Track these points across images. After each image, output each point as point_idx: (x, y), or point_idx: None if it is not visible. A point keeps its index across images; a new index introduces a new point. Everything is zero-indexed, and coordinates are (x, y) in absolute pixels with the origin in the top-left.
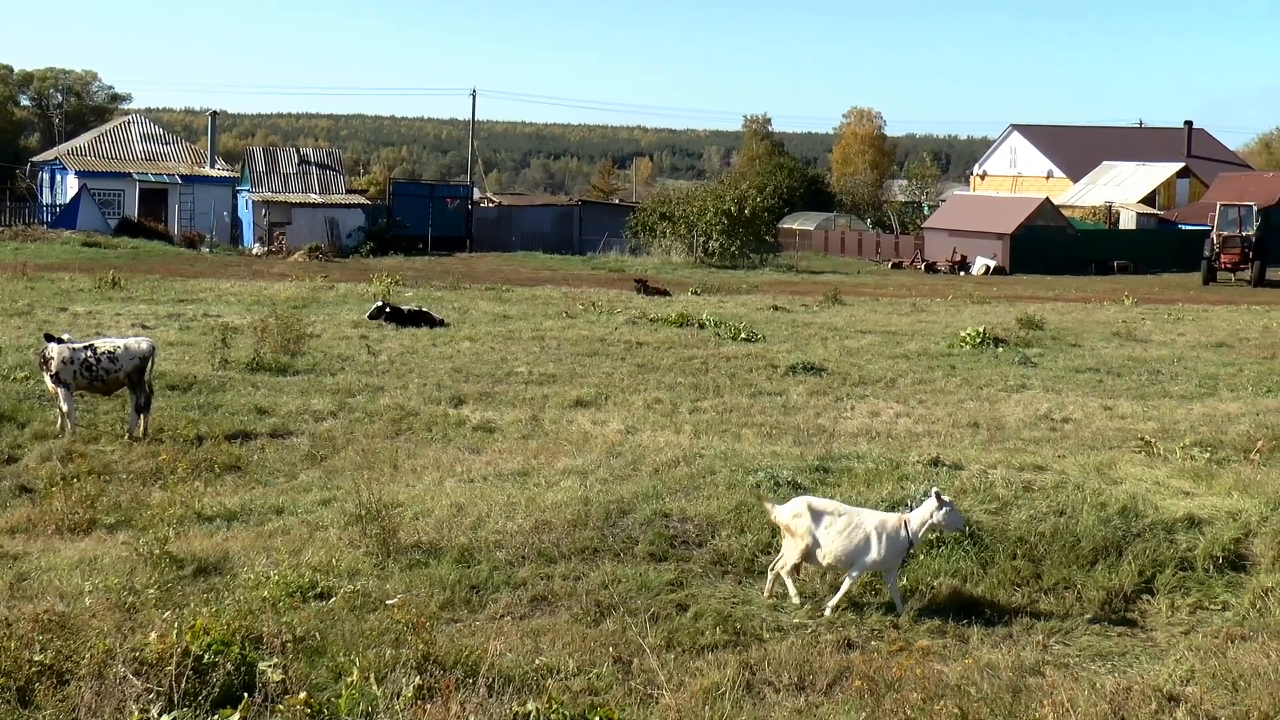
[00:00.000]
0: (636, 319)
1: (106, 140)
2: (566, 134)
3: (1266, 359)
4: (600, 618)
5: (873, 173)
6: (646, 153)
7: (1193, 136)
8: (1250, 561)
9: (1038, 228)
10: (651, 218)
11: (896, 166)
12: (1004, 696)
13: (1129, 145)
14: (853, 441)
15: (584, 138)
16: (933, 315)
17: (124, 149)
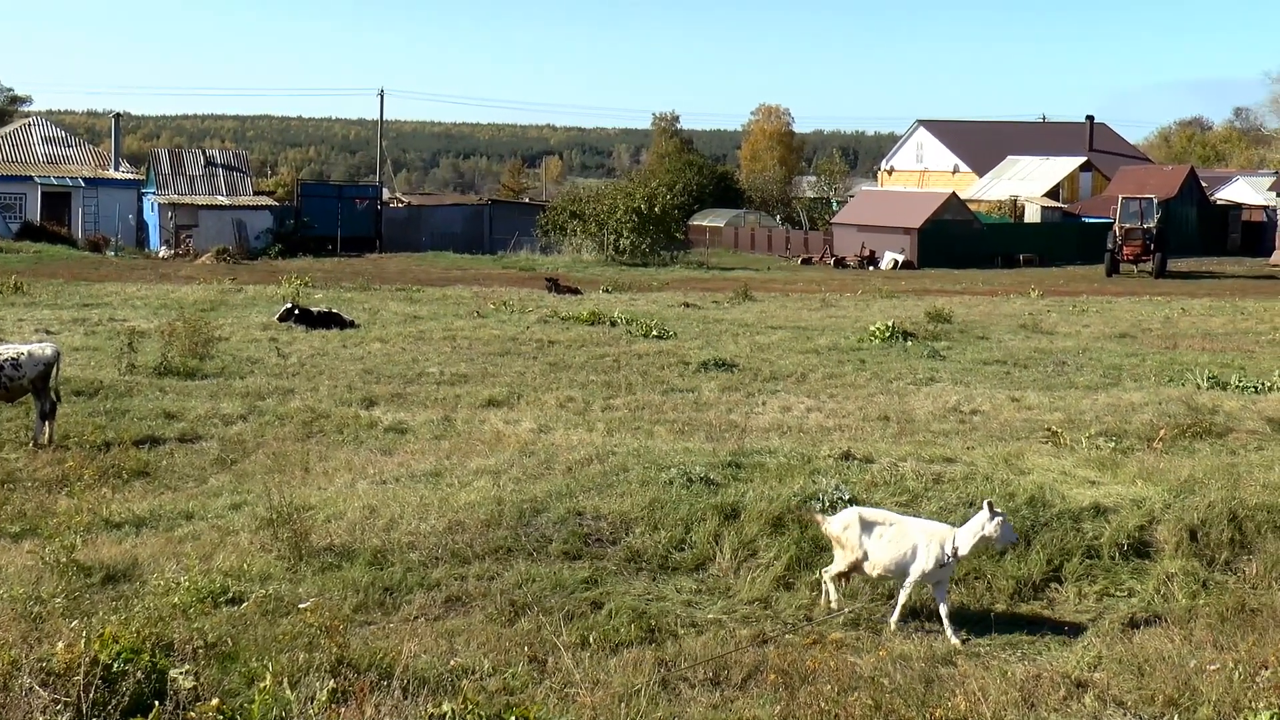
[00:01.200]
0: (548, 318)
1: (6, 143)
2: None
3: (1168, 349)
4: (515, 617)
5: (782, 169)
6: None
7: (1094, 131)
8: (1154, 548)
9: (945, 222)
10: (562, 216)
11: (805, 163)
12: (917, 687)
13: (1033, 140)
14: (765, 437)
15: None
16: (842, 310)
17: (25, 152)
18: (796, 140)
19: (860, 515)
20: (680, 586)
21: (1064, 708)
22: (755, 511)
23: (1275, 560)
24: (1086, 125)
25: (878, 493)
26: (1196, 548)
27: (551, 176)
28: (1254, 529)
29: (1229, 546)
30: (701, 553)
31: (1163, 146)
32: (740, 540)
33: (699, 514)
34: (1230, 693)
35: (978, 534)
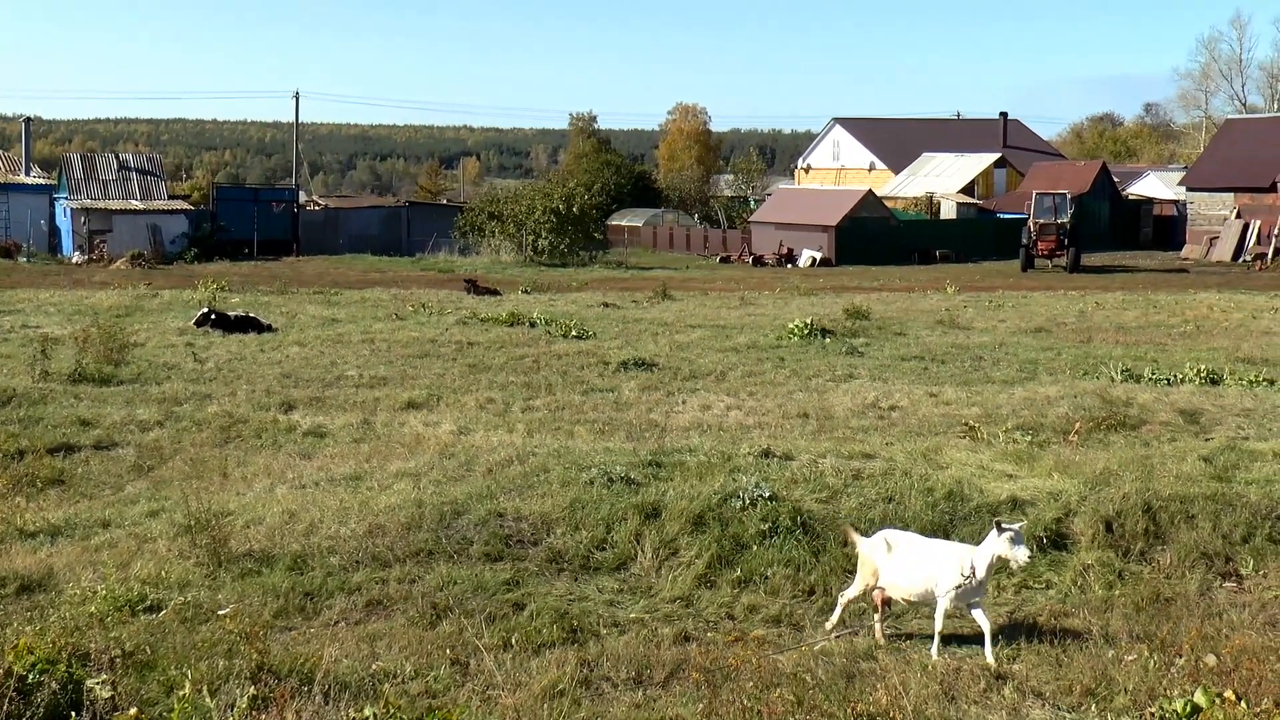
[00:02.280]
0: (467, 319)
1: None
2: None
3: (1083, 343)
4: (437, 620)
5: (699, 168)
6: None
7: (1008, 127)
8: (1071, 540)
9: (862, 219)
10: (480, 217)
11: (722, 161)
12: (838, 682)
13: (948, 137)
14: (685, 435)
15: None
16: (761, 308)
17: None
18: (714, 139)
19: (885, 538)
20: (602, 586)
21: (984, 700)
22: (676, 510)
23: (1188, 550)
24: (1000, 122)
25: (798, 490)
26: (1112, 539)
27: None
28: (1168, 519)
29: (1144, 537)
30: (623, 552)
31: (1075, 142)
32: (661, 539)
33: (620, 514)
34: (1146, 681)
35: (992, 553)
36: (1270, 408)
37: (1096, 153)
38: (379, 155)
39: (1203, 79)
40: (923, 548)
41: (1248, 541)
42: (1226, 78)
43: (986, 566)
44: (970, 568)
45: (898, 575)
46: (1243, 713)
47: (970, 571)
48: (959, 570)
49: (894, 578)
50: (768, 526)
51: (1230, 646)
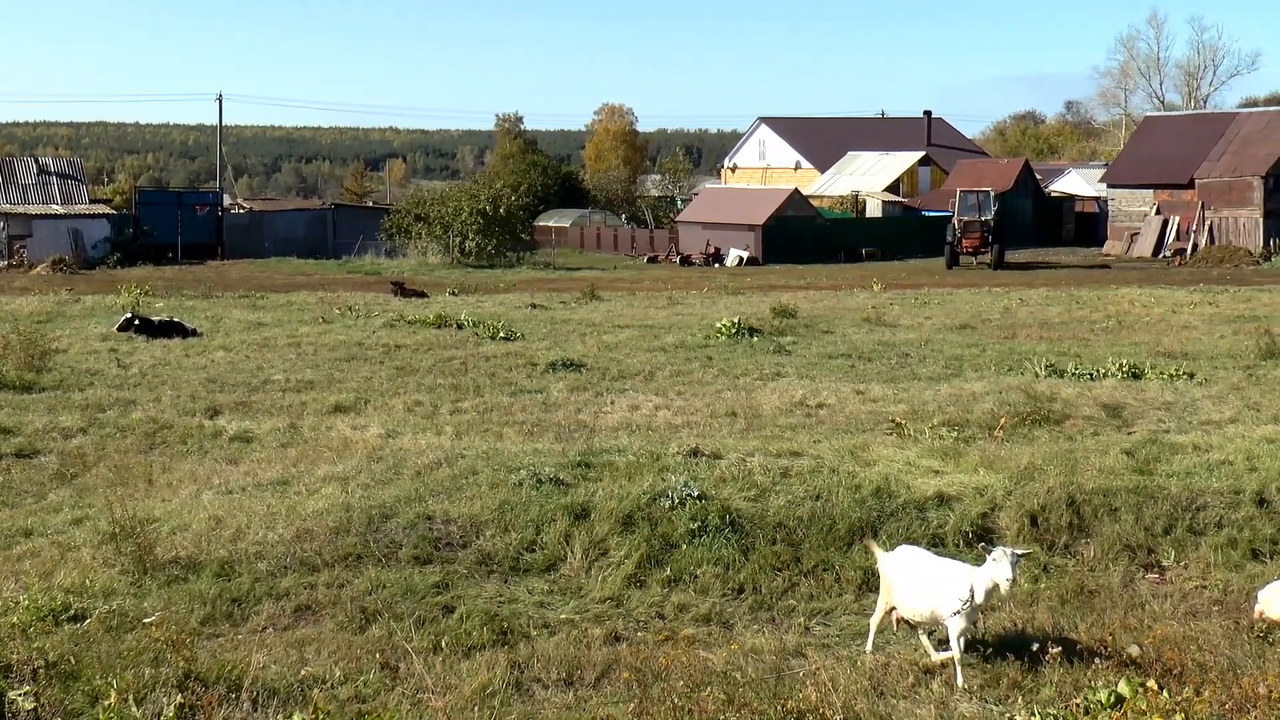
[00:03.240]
0: (394, 321)
1: None
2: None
3: (1007, 339)
4: (366, 624)
5: (626, 168)
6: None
7: (932, 126)
8: (997, 534)
9: (788, 218)
10: (406, 219)
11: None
12: (768, 679)
13: (873, 135)
14: (613, 436)
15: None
16: (689, 308)
17: None
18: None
19: (903, 554)
20: (532, 588)
21: (912, 694)
22: (605, 511)
23: (1112, 542)
24: (924, 120)
25: (726, 488)
26: (1037, 533)
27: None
28: (1091, 513)
29: (1068, 531)
30: (552, 553)
31: (998, 140)
32: (591, 540)
33: (549, 515)
34: (1071, 673)
35: (991, 578)
36: (1190, 401)
37: (1019, 150)
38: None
39: (1122, 77)
40: (932, 567)
41: (1169, 533)
42: (1145, 76)
43: (985, 591)
44: (970, 590)
45: (907, 595)
46: (1165, 702)
47: (969, 595)
48: (959, 593)
49: (903, 597)
50: (697, 525)
51: (1153, 636)
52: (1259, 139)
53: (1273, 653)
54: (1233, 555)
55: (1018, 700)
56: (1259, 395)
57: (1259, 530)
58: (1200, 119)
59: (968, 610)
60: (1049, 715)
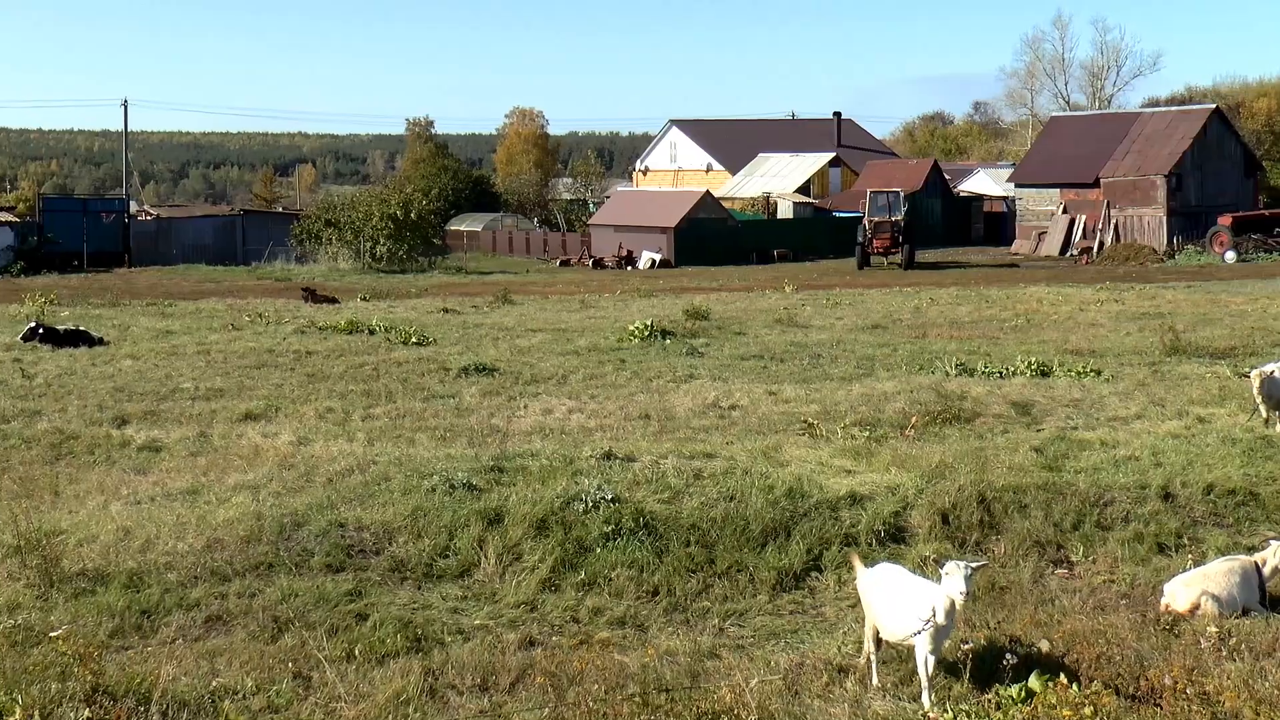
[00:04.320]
0: (305, 328)
1: None
2: (226, 142)
3: (918, 338)
4: (278, 634)
5: (538, 172)
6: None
7: (842, 127)
8: (909, 533)
9: (700, 220)
10: (317, 225)
11: (561, 165)
12: (683, 681)
13: (783, 137)
14: (527, 440)
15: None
16: (602, 311)
17: None
18: (552, 142)
19: (879, 571)
20: (446, 594)
21: (826, 694)
22: (519, 515)
23: (1022, 539)
24: (834, 122)
25: (640, 491)
26: (949, 530)
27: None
28: (1001, 510)
29: (979, 528)
30: (466, 559)
31: (907, 141)
32: (505, 545)
33: (462, 520)
34: (982, 669)
35: (946, 594)
36: (1097, 398)
37: (928, 151)
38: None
39: (1028, 78)
40: (903, 586)
41: (1078, 529)
42: (1050, 76)
43: (945, 610)
44: (931, 610)
45: (879, 614)
46: (1074, 695)
47: (930, 614)
48: (921, 613)
49: (876, 616)
50: (611, 529)
51: (1062, 631)
52: (1161, 138)
53: (1178, 645)
54: (1139, 549)
55: (930, 697)
56: (1164, 391)
57: (1164, 524)
58: (1104, 119)
59: (931, 631)
60: (961, 712)
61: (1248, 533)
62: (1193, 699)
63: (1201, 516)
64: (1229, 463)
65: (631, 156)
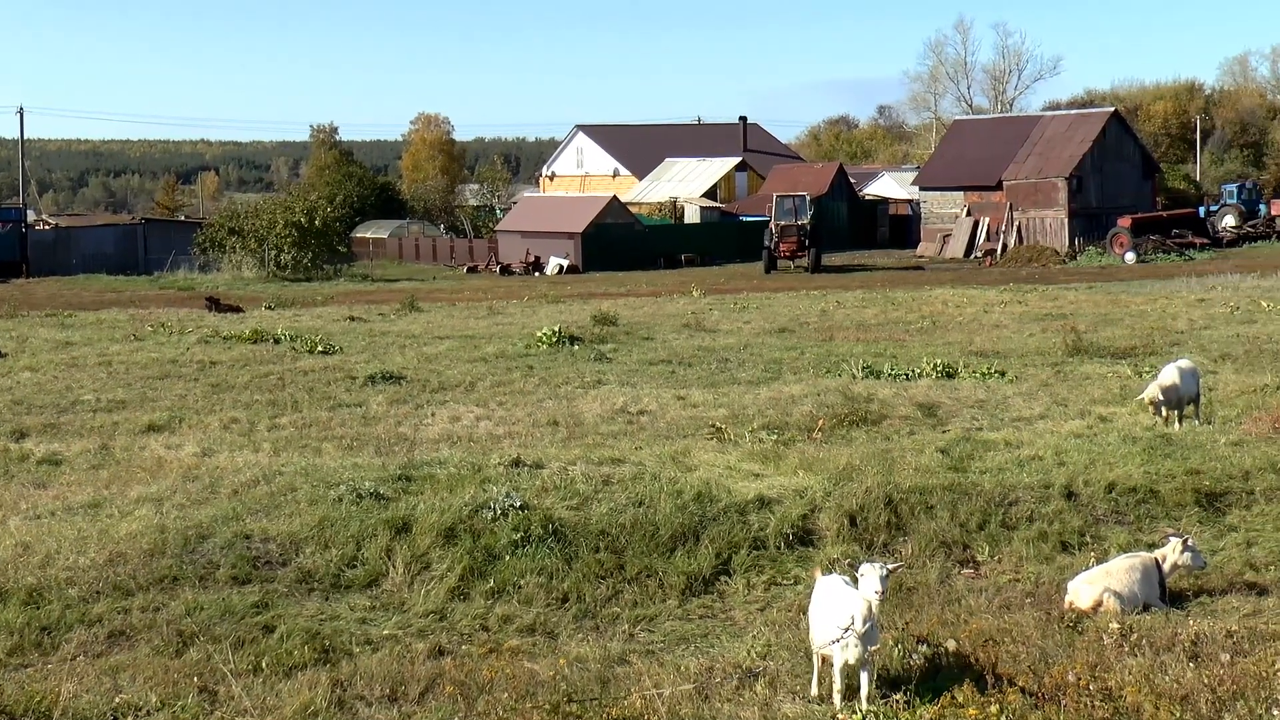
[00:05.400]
0: (209, 338)
1: None
2: (126, 150)
3: (825, 341)
4: (183, 648)
5: (444, 178)
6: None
7: (748, 131)
8: (817, 535)
9: (607, 225)
10: (220, 233)
11: (467, 171)
12: (593, 688)
13: (690, 142)
14: (435, 448)
15: (145, 153)
16: (509, 317)
17: None
18: (458, 148)
19: (817, 584)
20: (354, 604)
21: (736, 697)
22: (427, 524)
23: (928, 539)
24: (740, 126)
25: (549, 498)
26: (856, 532)
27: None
28: (908, 511)
29: (886, 529)
30: (374, 569)
31: (813, 145)
32: (413, 554)
33: (370, 530)
34: (890, 669)
35: (864, 598)
36: (1001, 399)
37: (833, 155)
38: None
39: (931, 81)
40: (830, 595)
41: (983, 529)
42: (953, 80)
43: (863, 617)
44: (850, 616)
45: (811, 624)
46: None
47: (849, 622)
48: (840, 621)
49: (811, 627)
50: (520, 536)
51: (969, 630)
52: (1062, 140)
53: (1082, 641)
54: (1043, 548)
55: (837, 699)
56: (1067, 391)
57: (1068, 523)
58: (1006, 122)
59: (850, 639)
60: (870, 713)
61: (1148, 530)
62: (1095, 695)
63: (1103, 514)
64: (1130, 461)
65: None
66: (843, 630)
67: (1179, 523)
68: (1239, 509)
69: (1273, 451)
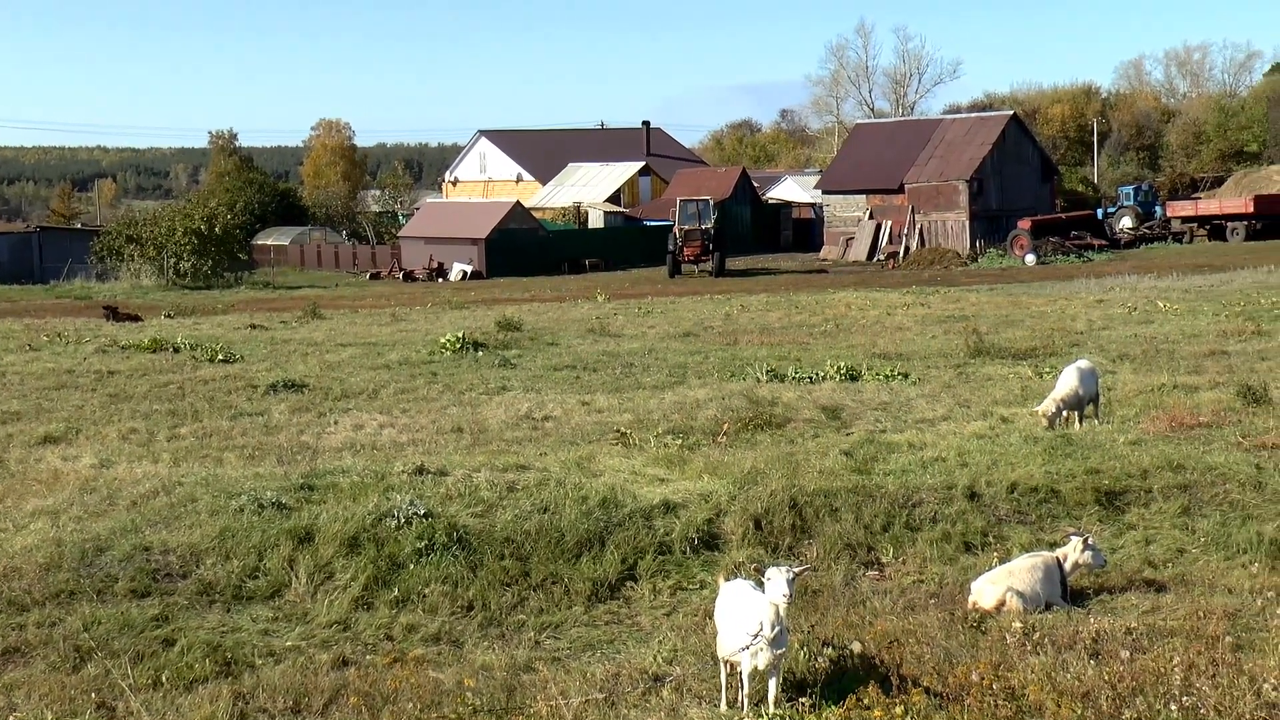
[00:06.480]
0: (107, 347)
1: None
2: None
3: (729, 345)
4: (80, 663)
5: (345, 184)
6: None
7: (651, 136)
8: (723, 539)
9: (511, 231)
10: (118, 241)
11: (369, 177)
12: (499, 696)
13: (593, 147)
14: (337, 456)
15: (39, 160)
16: (413, 324)
17: None
18: (359, 154)
19: (726, 586)
20: (256, 616)
21: (643, 703)
22: (330, 533)
23: (833, 542)
24: (644, 131)
25: (453, 505)
26: (761, 536)
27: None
28: (813, 514)
29: (791, 532)
30: (276, 579)
31: (716, 149)
32: (316, 564)
33: (272, 540)
34: (796, 672)
35: (771, 603)
36: (905, 400)
37: (737, 159)
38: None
39: (833, 85)
40: (737, 600)
41: (887, 530)
42: (855, 84)
43: (772, 622)
44: (758, 622)
45: (719, 631)
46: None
47: (758, 628)
48: (749, 628)
49: (719, 635)
50: (424, 544)
51: (874, 632)
52: (962, 143)
53: (985, 641)
54: (947, 549)
55: (744, 701)
56: (969, 392)
57: (971, 523)
58: (907, 125)
59: (760, 645)
60: (778, 716)
61: (1050, 529)
62: (998, 694)
63: (1006, 515)
64: (1031, 461)
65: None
66: (752, 637)
67: (1080, 522)
68: (1138, 507)
69: (1170, 450)
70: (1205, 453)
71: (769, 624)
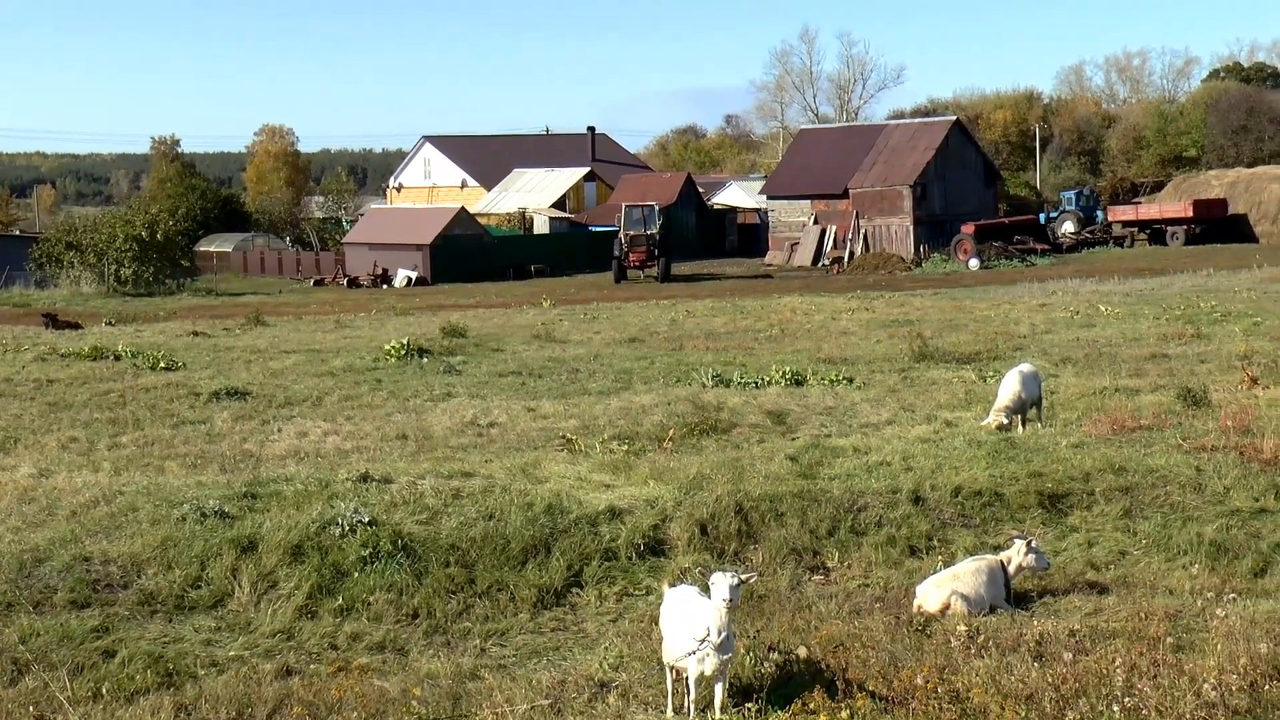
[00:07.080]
0: (46, 355)
1: None
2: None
3: (675, 350)
4: (18, 676)
5: (289, 190)
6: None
7: (596, 141)
8: (669, 545)
9: (456, 237)
10: (58, 248)
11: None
12: (445, 704)
13: (538, 152)
14: (281, 464)
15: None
16: (357, 330)
17: None
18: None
19: (671, 592)
20: (199, 626)
21: (589, 709)
22: (274, 542)
23: (779, 547)
24: (589, 136)
25: (398, 513)
26: (708, 541)
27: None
28: (759, 519)
29: (737, 538)
30: (219, 589)
31: (661, 155)
32: (259, 572)
33: (214, 549)
34: (742, 678)
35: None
36: (850, 405)
37: (682, 164)
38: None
39: (778, 91)
40: (683, 607)
41: (832, 535)
42: (799, 90)
43: (718, 628)
44: (705, 630)
45: (664, 638)
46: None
47: (705, 634)
48: (695, 633)
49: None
50: (368, 552)
51: (820, 636)
52: (906, 149)
53: (930, 644)
54: (892, 553)
55: (690, 708)
56: (913, 397)
57: (915, 527)
58: (852, 131)
59: (706, 650)
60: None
61: (994, 532)
62: (943, 697)
63: (950, 518)
64: (975, 465)
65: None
66: (698, 642)
67: (1023, 525)
68: (1080, 510)
69: (1112, 453)
70: (1146, 455)
71: (715, 629)
